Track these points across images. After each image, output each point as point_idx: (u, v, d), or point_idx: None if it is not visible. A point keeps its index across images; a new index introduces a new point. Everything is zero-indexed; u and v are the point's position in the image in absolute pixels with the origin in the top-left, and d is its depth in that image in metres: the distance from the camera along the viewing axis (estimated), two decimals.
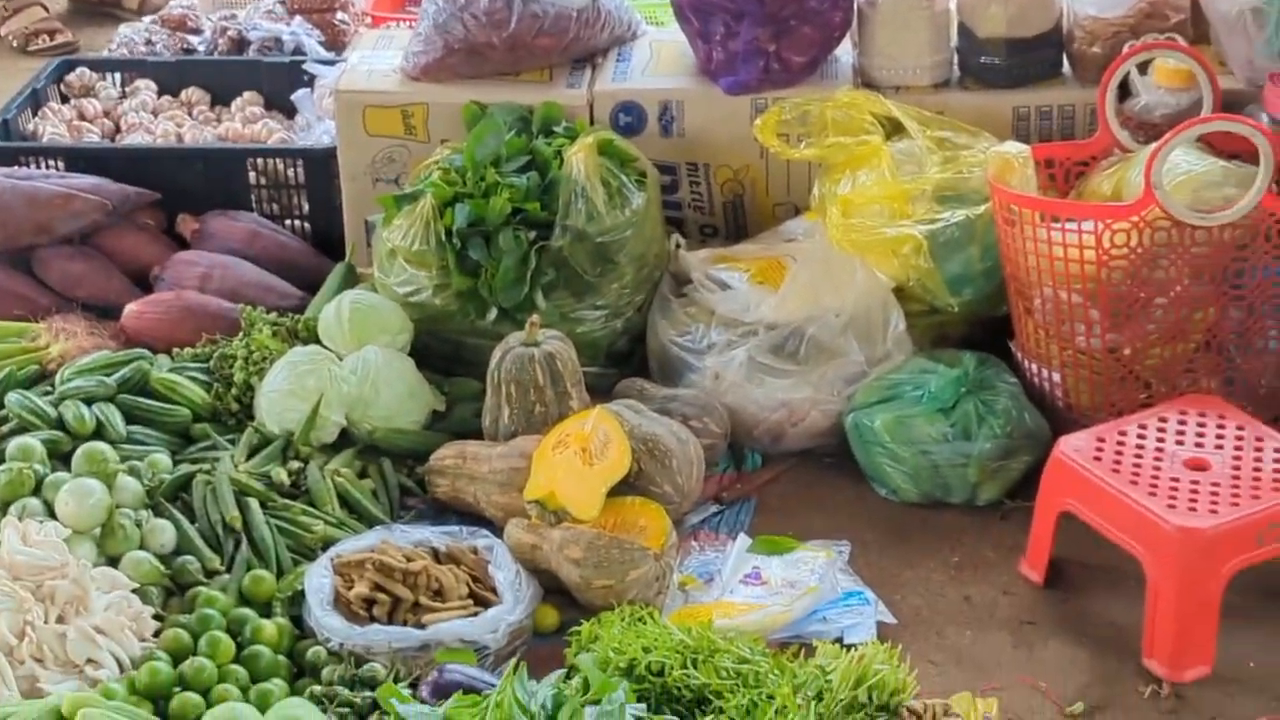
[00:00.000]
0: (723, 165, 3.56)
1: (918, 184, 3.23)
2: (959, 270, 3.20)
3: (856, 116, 3.35)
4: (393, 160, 3.57)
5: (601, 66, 3.64)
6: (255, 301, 3.46)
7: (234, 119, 4.05)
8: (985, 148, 3.26)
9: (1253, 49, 3.23)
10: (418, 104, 3.55)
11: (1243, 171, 2.98)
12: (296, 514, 2.94)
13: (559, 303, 3.26)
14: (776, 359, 3.19)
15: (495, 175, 3.29)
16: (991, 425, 3.03)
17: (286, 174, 3.77)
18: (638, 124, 3.54)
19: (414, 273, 3.30)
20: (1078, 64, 3.47)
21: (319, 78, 3.98)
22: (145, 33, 4.42)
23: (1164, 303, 2.97)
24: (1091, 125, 3.35)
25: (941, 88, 3.53)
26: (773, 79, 3.50)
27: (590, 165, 3.26)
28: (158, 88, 4.18)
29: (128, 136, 4.00)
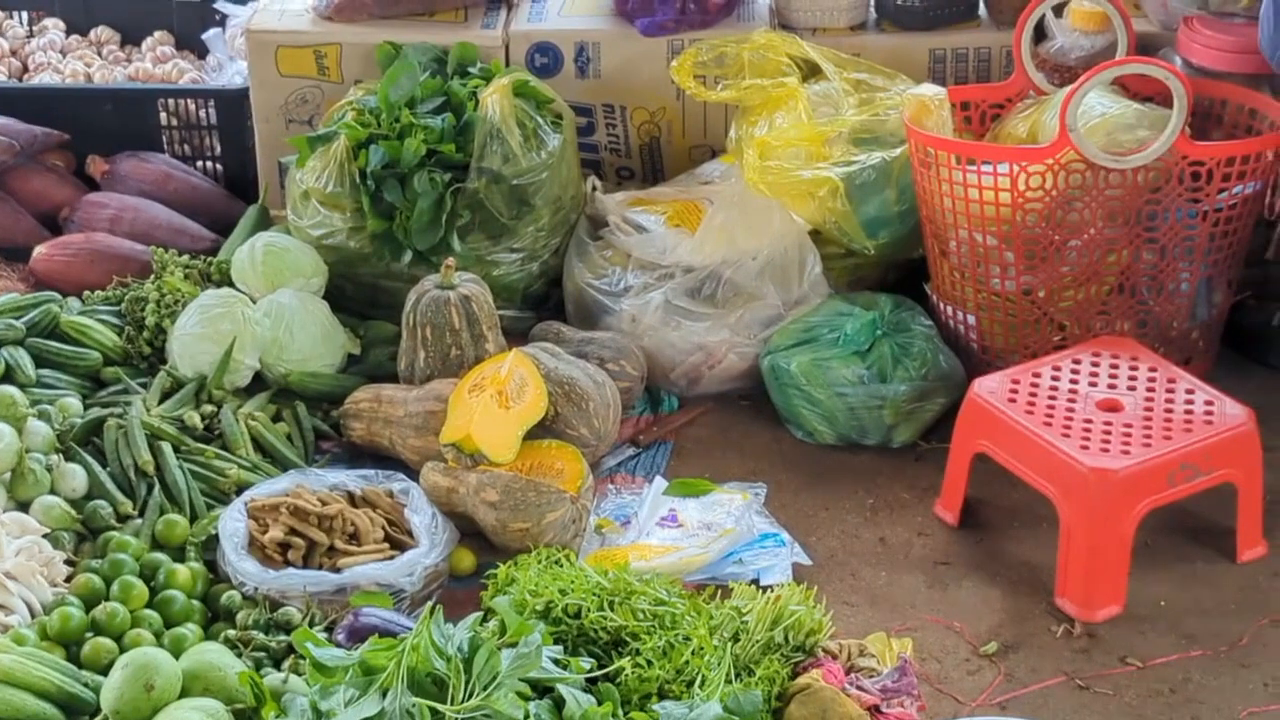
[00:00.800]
0: (639, 107, 3.54)
1: (834, 126, 3.23)
2: (875, 213, 3.21)
3: (773, 58, 3.34)
4: (306, 101, 3.53)
5: (517, 7, 3.62)
6: (167, 244, 3.42)
7: (144, 59, 3.99)
8: (902, 90, 3.27)
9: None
10: (331, 44, 3.51)
11: (1156, 114, 3.00)
12: (210, 458, 2.91)
13: (474, 245, 3.24)
14: (693, 302, 3.19)
15: (410, 117, 3.25)
16: (907, 367, 3.04)
17: (198, 115, 3.72)
18: (553, 65, 3.51)
19: (328, 215, 3.27)
20: (993, 7, 3.48)
21: (231, 17, 3.93)
22: None
23: (1078, 245, 2.98)
24: (1007, 68, 3.36)
25: (858, 30, 3.53)
26: (689, 20, 3.49)
27: (506, 107, 3.24)
28: (66, 26, 4.11)
29: (35, 76, 3.93)
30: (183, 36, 4.06)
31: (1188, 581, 2.74)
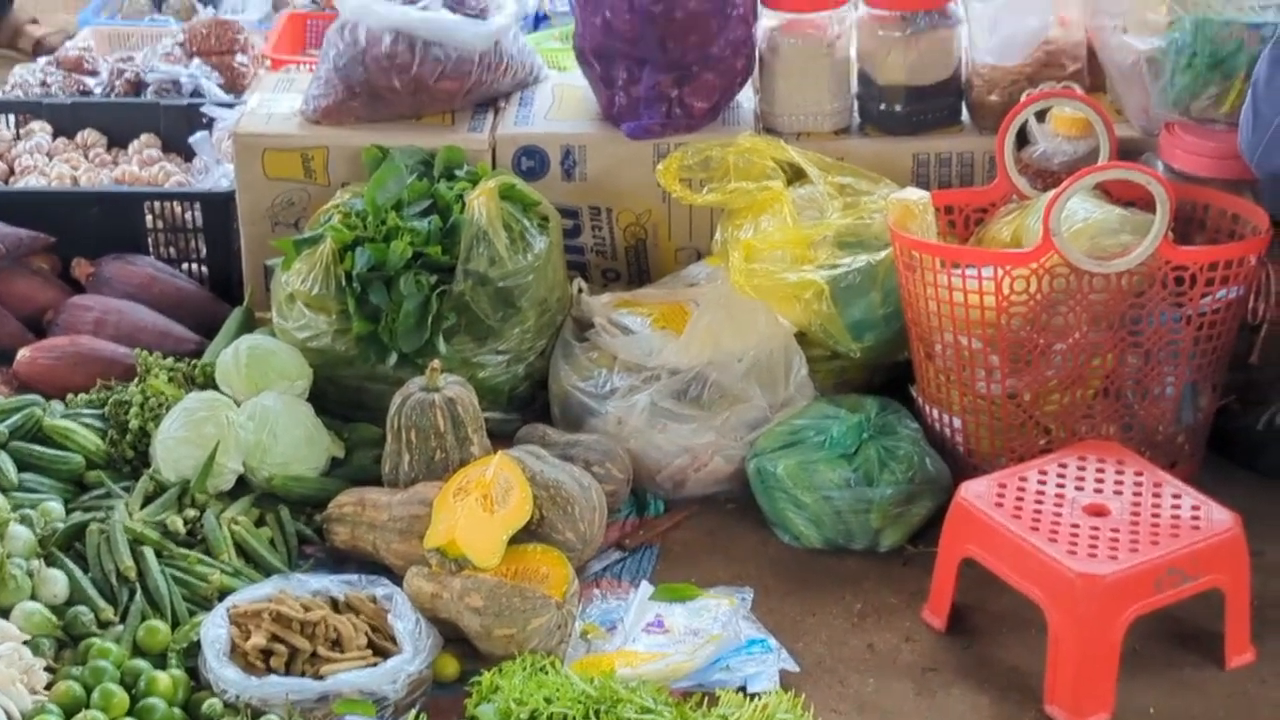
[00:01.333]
0: (625, 209, 3.55)
1: (819, 229, 3.24)
2: (860, 315, 3.21)
3: (758, 162, 3.36)
4: (292, 204, 3.54)
5: (504, 110, 3.63)
6: (151, 346, 3.41)
7: (131, 162, 4.00)
8: (886, 194, 3.29)
9: (1148, 98, 3.26)
10: (318, 147, 3.53)
11: (1139, 219, 3.02)
12: (192, 563, 2.89)
13: (460, 347, 3.24)
14: (679, 404, 3.19)
15: (396, 219, 3.26)
16: (893, 471, 3.04)
17: (184, 217, 3.73)
18: (540, 168, 3.53)
19: (313, 317, 3.27)
20: (976, 111, 3.50)
21: (218, 120, 3.95)
22: (40, 74, 4.36)
23: (1063, 349, 2.99)
24: (991, 172, 3.38)
25: (842, 134, 3.55)
26: (675, 124, 3.51)
27: (492, 209, 3.25)
28: (53, 130, 4.12)
29: (22, 179, 3.94)
30: (170, 140, 4.07)
31: (1176, 688, 2.73)
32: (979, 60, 3.46)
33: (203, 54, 4.34)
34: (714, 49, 3.47)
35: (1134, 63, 3.25)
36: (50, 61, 4.46)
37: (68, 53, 4.48)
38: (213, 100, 4.10)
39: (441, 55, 3.52)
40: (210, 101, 4.08)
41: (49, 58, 4.53)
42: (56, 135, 4.11)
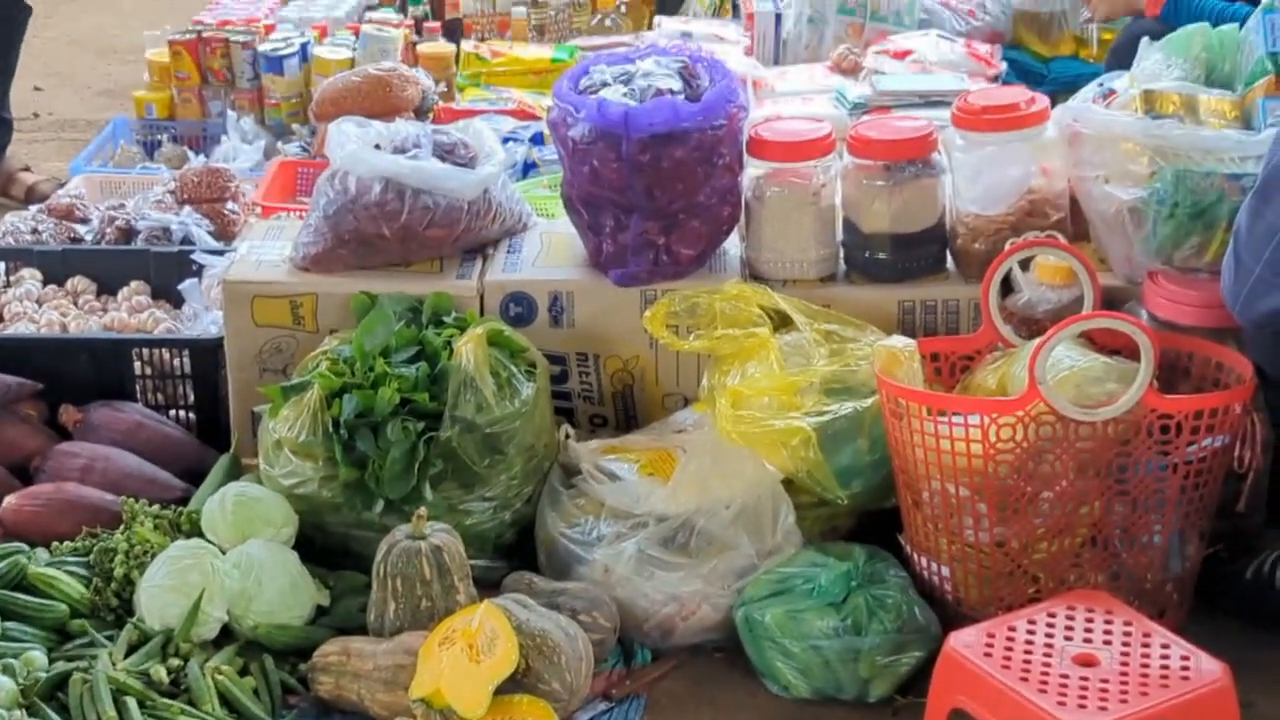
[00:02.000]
0: (612, 356, 3.57)
1: (806, 376, 3.25)
2: (848, 462, 3.21)
3: (745, 309, 3.38)
4: (280, 350, 3.55)
5: (492, 257, 3.66)
6: (138, 494, 3.40)
7: (120, 309, 4.01)
8: (872, 341, 3.30)
9: (1132, 247, 3.29)
10: (307, 294, 3.54)
11: (1124, 367, 3.03)
12: (175, 713, 2.87)
13: (447, 494, 3.24)
14: (666, 552, 3.18)
15: (384, 365, 3.27)
16: (882, 620, 3.02)
17: (172, 364, 3.74)
18: (528, 314, 3.54)
19: (300, 464, 3.27)
20: (961, 260, 3.52)
21: (208, 267, 3.97)
22: (32, 221, 4.38)
23: (1050, 497, 2.99)
24: (976, 320, 3.40)
25: (828, 281, 3.56)
26: (662, 271, 3.53)
27: (480, 356, 3.26)
28: (43, 277, 4.13)
29: (11, 326, 3.95)
30: (159, 287, 4.09)
31: None
32: (963, 209, 3.49)
33: (193, 201, 4.37)
34: (700, 197, 3.50)
35: (1117, 212, 3.28)
36: (42, 209, 4.49)
37: (59, 200, 4.51)
38: (203, 247, 4.12)
39: (431, 203, 3.55)
40: (200, 249, 4.10)
41: (40, 205, 4.56)
42: (47, 282, 4.13)
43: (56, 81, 6.19)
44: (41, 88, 6.12)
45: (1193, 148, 3.17)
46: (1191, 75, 3.37)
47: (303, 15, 5.63)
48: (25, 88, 6.09)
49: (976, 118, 3.43)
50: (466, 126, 3.82)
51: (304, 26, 5.44)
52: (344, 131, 3.62)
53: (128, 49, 6.32)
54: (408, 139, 3.66)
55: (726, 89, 3.50)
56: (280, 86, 5.15)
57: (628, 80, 3.54)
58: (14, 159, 5.43)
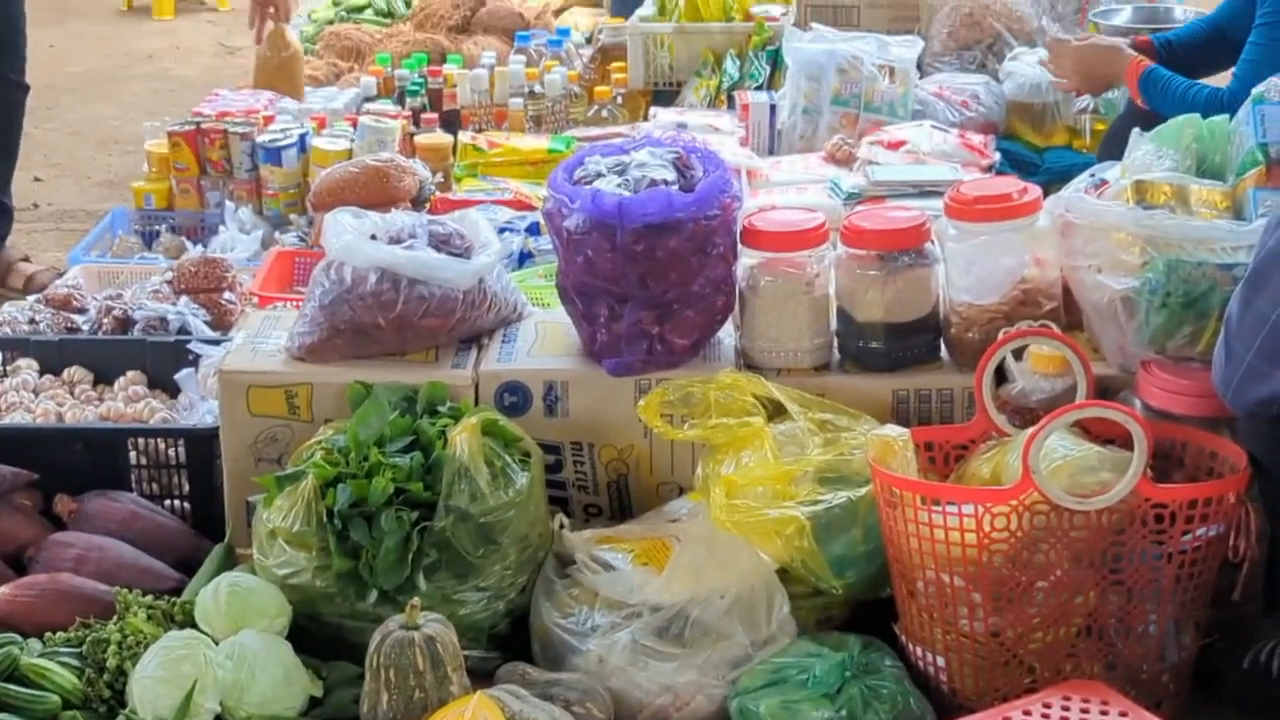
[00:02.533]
0: (607, 445, 3.57)
1: (800, 465, 3.25)
2: (842, 552, 3.21)
3: (739, 398, 3.38)
4: (275, 440, 3.55)
5: (487, 347, 3.66)
6: (132, 584, 3.39)
7: (116, 398, 4.02)
8: (866, 430, 3.30)
9: (1125, 336, 3.30)
10: (302, 384, 3.55)
11: (1118, 456, 3.03)
12: None
13: (441, 584, 3.23)
14: (661, 642, 3.17)
15: (378, 455, 3.28)
16: (878, 711, 3.01)
17: (168, 454, 3.74)
18: (523, 404, 3.55)
19: (294, 554, 3.26)
20: (955, 349, 3.53)
21: (204, 357, 3.97)
22: (29, 311, 4.40)
23: (1045, 586, 2.98)
24: (970, 409, 3.40)
25: (822, 370, 3.57)
26: (656, 360, 3.54)
27: (474, 445, 3.26)
28: (40, 367, 4.15)
29: (7, 416, 3.96)
30: (156, 376, 4.10)
31: None
32: (956, 298, 3.50)
33: (190, 291, 4.39)
34: (695, 287, 3.51)
35: (1109, 302, 3.30)
36: (39, 299, 4.51)
37: (57, 290, 4.53)
38: (199, 337, 4.13)
39: (426, 293, 3.56)
40: (197, 338, 4.11)
41: (38, 295, 4.58)
42: (43, 372, 4.14)
43: (57, 172, 6.22)
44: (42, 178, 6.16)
45: (1184, 238, 3.19)
46: (1182, 166, 3.40)
47: (301, 107, 5.67)
48: (25, 178, 6.14)
49: (969, 208, 3.45)
50: (462, 217, 3.84)
51: (303, 118, 5.47)
52: (340, 222, 3.65)
53: (127, 140, 6.36)
54: (404, 229, 3.68)
55: (720, 179, 3.52)
56: (278, 177, 5.18)
57: (622, 171, 3.57)
58: (13, 249, 5.46)
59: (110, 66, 7.44)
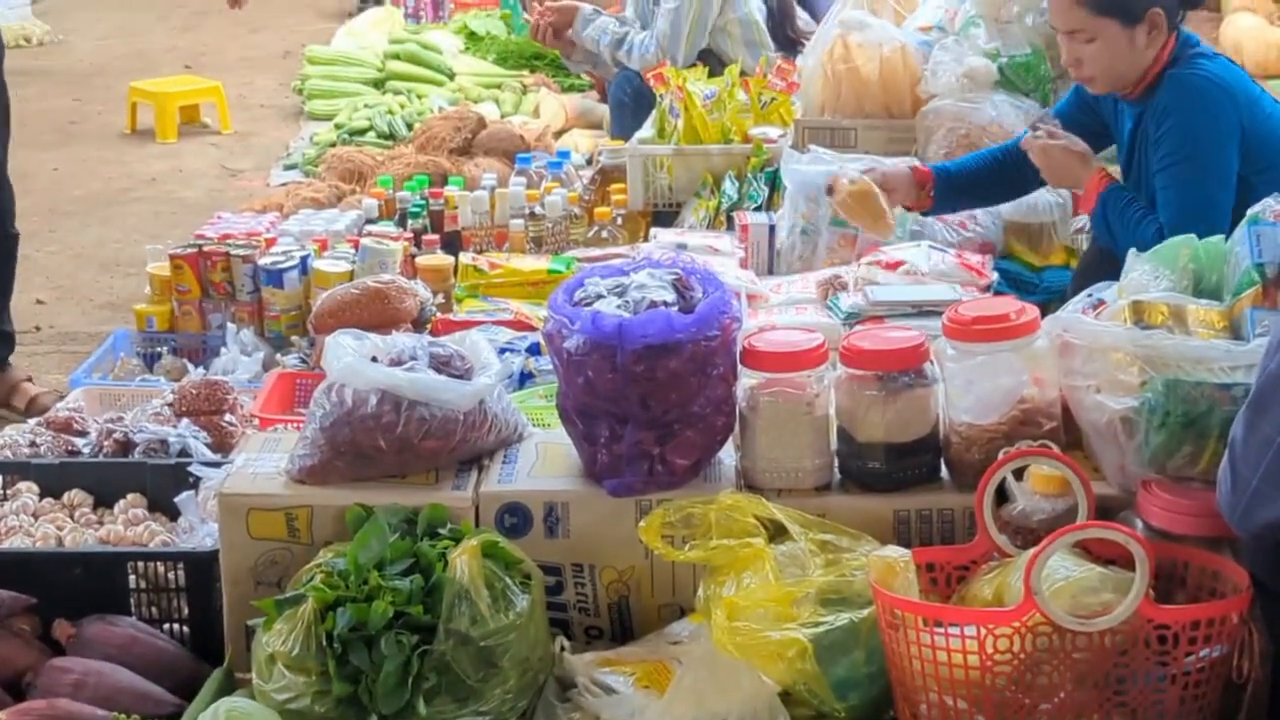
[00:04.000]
0: (608, 566, 3.56)
1: (802, 587, 3.24)
2: (845, 674, 3.19)
3: (740, 519, 3.38)
4: (275, 563, 3.54)
5: (488, 468, 3.66)
6: (130, 710, 3.37)
7: (116, 521, 4.01)
8: (868, 551, 3.29)
9: (1124, 456, 3.30)
10: (302, 507, 3.54)
11: (1120, 577, 3.02)
12: None
13: (441, 709, 3.21)
14: None
15: (378, 579, 3.27)
16: None
17: (167, 577, 3.72)
18: (523, 525, 3.54)
19: (293, 679, 3.24)
20: (955, 469, 3.53)
21: (204, 480, 3.98)
22: (30, 434, 4.40)
23: (1049, 709, 2.96)
24: (971, 529, 3.40)
25: (823, 490, 3.57)
26: (657, 481, 3.54)
27: (474, 568, 3.25)
28: (40, 490, 4.14)
29: (7, 540, 3.94)
30: (156, 499, 4.09)
31: None
32: (956, 418, 3.51)
33: (191, 414, 4.39)
34: (695, 407, 3.52)
35: (1108, 422, 3.30)
36: (40, 422, 4.52)
37: (58, 414, 4.53)
38: (200, 460, 4.13)
39: (427, 415, 3.57)
40: (197, 461, 4.11)
41: (39, 419, 4.59)
42: (43, 495, 4.13)
43: (59, 295, 6.25)
44: (44, 301, 6.19)
45: (1182, 358, 3.19)
46: (1179, 286, 3.41)
47: (304, 228, 5.71)
48: (28, 301, 6.17)
49: (967, 328, 3.46)
50: (463, 338, 3.86)
51: (304, 240, 5.51)
52: (341, 344, 3.66)
53: (130, 262, 6.40)
54: (404, 351, 3.69)
55: (719, 300, 3.54)
56: (280, 299, 5.20)
57: (622, 292, 3.59)
58: (17, 369, 5.47)
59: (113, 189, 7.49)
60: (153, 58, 9.74)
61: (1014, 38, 5.22)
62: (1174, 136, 4.20)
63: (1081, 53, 4.25)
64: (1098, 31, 4.21)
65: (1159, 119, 4.24)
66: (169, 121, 8.19)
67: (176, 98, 8.30)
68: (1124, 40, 4.21)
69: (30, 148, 8.07)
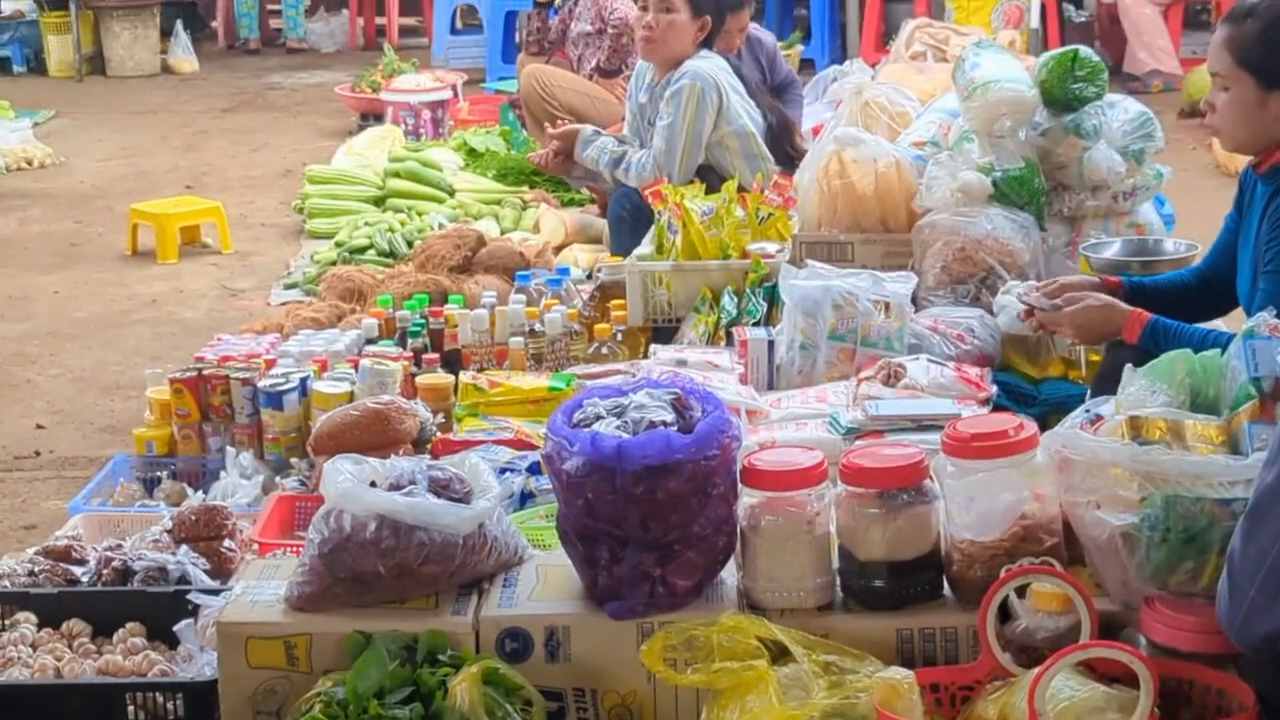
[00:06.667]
0: (610, 690, 3.53)
1: (805, 710, 3.21)
2: None
3: (742, 641, 3.36)
4: (274, 692, 3.52)
5: (488, 592, 3.65)
6: None
7: (115, 651, 3.98)
8: (871, 672, 3.27)
9: (1126, 572, 3.28)
10: (301, 635, 3.52)
11: (1125, 696, 3.00)
12: None
13: None
14: None
15: (378, 708, 3.25)
16: None
17: (166, 707, 3.70)
18: (523, 650, 3.52)
19: None
20: (958, 586, 3.51)
21: (203, 608, 3.95)
22: (28, 564, 4.38)
23: None
24: (975, 647, 3.38)
25: (825, 610, 3.55)
26: (658, 603, 3.52)
27: (474, 696, 3.23)
28: (39, 620, 4.12)
29: (4, 672, 3.91)
30: (155, 627, 4.06)
31: None
32: (957, 535, 3.49)
33: (190, 540, 4.37)
34: (695, 528, 3.51)
35: (1109, 538, 3.28)
36: (39, 551, 4.49)
37: (57, 542, 4.51)
38: (199, 587, 4.11)
39: (426, 539, 3.55)
40: (196, 588, 4.09)
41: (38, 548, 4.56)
42: (42, 625, 4.11)
43: (59, 419, 6.25)
44: (44, 425, 6.18)
45: (1181, 474, 3.19)
46: (1176, 401, 3.41)
47: (303, 349, 5.71)
48: (28, 426, 6.16)
49: (966, 445, 3.45)
50: (462, 461, 3.85)
51: (304, 360, 5.51)
52: (339, 469, 3.65)
53: (130, 385, 6.40)
54: (403, 475, 3.68)
55: (718, 419, 3.54)
56: (279, 422, 5.19)
57: (621, 413, 3.59)
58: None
59: (114, 311, 7.51)
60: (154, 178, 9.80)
61: (1007, 152, 5.25)
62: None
63: (1217, 99, 4.21)
64: (1233, 82, 4.15)
65: (1276, 220, 4.17)
66: (170, 242, 8.22)
67: (177, 219, 8.33)
68: (1254, 101, 4.13)
69: (31, 270, 8.11)
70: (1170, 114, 4.52)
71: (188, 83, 12.74)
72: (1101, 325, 4.35)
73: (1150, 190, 5.47)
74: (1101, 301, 4.37)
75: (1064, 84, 5.31)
